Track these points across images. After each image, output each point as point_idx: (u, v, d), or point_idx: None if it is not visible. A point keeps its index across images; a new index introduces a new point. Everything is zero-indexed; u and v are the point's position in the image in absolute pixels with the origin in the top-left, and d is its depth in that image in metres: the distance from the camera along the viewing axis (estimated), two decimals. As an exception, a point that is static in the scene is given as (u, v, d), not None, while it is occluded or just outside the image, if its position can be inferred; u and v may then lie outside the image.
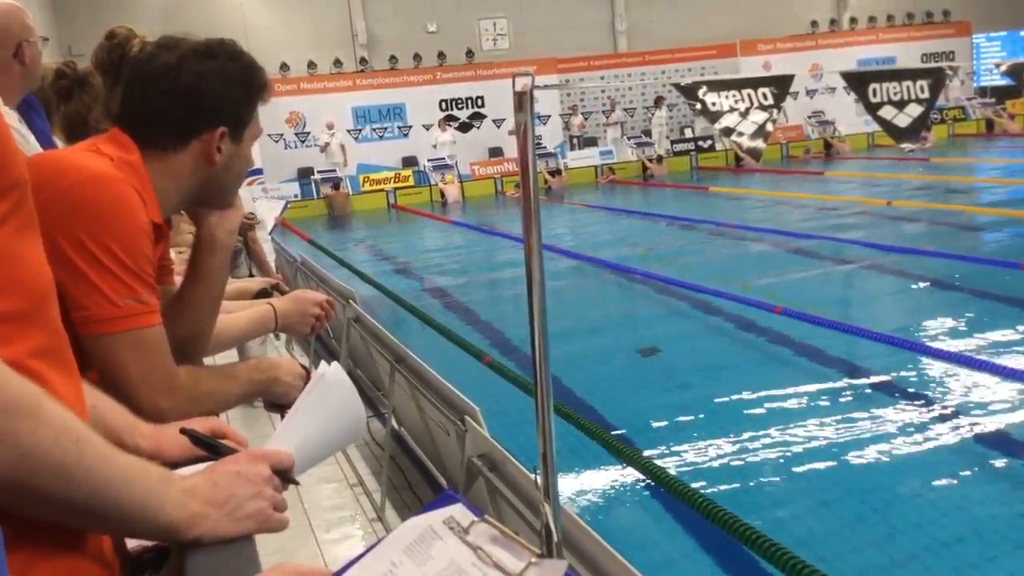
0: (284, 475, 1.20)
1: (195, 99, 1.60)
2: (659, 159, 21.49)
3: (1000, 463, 4.63)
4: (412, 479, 4.73)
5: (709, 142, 22.35)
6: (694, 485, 3.92)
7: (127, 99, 1.64)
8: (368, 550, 0.93)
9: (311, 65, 21.88)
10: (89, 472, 0.92)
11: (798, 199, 15.33)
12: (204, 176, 1.66)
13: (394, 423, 5.06)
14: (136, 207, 1.51)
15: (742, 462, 4.74)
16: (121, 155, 1.56)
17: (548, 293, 1.88)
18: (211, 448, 1.28)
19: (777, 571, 2.81)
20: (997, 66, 17.31)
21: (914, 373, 5.87)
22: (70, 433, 0.91)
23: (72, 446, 0.90)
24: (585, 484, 4.64)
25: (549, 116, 22.24)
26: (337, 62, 22.32)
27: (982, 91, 25.24)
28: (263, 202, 10.31)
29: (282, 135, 21.04)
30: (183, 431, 1.29)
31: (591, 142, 23.10)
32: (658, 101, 23.16)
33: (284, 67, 21.24)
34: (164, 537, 1.09)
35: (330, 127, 20.52)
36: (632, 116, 24.15)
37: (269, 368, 1.78)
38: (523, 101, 1.96)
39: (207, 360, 1.97)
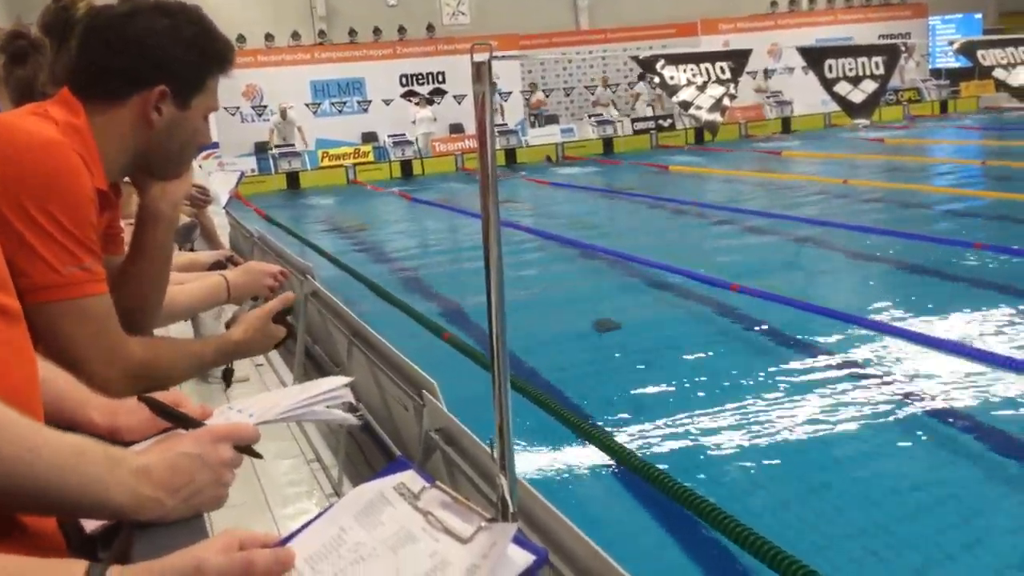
0: (248, 450, 1.16)
1: (137, 51, 1.56)
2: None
3: (955, 439, 4.73)
4: (370, 454, 4.72)
5: (669, 121, 22.42)
6: (652, 459, 3.96)
7: (76, 51, 1.60)
8: (318, 516, 0.92)
9: (268, 37, 21.52)
10: (13, 465, 0.90)
11: (757, 178, 15.48)
12: (145, 138, 1.61)
13: (352, 398, 5.03)
14: (81, 173, 1.47)
15: (698, 436, 4.80)
16: (67, 118, 1.53)
17: (507, 269, 1.87)
18: (176, 419, 1.20)
19: (731, 542, 2.85)
20: (950, 43, 17.48)
21: (868, 350, 5.97)
22: None
23: None
24: (543, 461, 4.66)
25: (510, 93, 22.15)
26: (295, 35, 21.99)
27: (937, 72, 25.62)
28: (217, 175, 10.15)
29: (238, 108, 20.71)
30: (142, 399, 1.24)
31: (552, 120, 23.07)
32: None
33: (241, 39, 20.84)
34: (113, 519, 1.07)
35: (283, 107, 19.96)
36: (593, 93, 24.11)
37: (237, 325, 1.80)
38: (481, 71, 1.93)
39: (158, 332, 1.95)
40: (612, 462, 4.30)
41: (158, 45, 1.57)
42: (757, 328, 6.64)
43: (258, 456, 1.17)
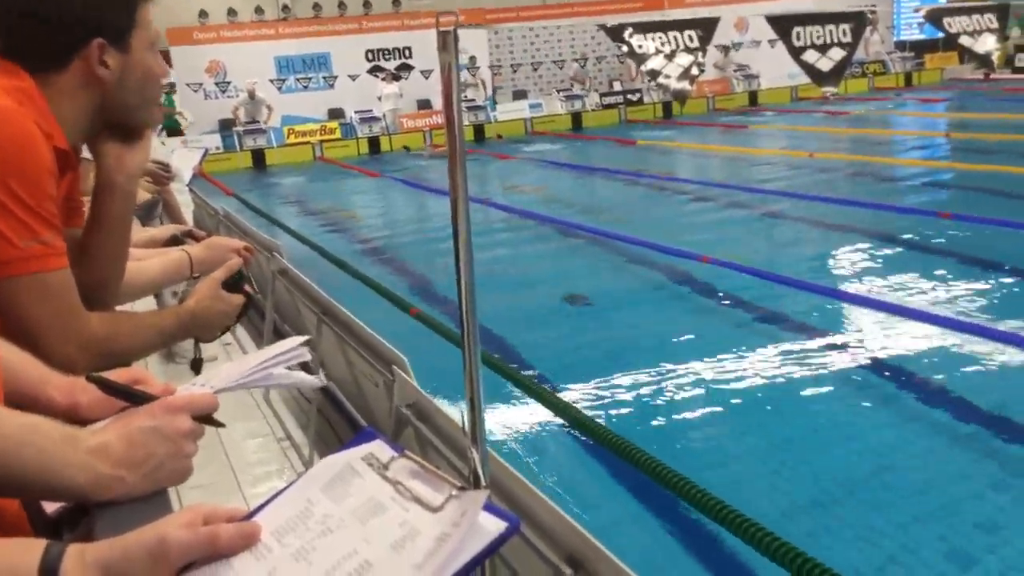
0: (208, 419, 1.14)
1: (56, 16, 1.50)
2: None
3: (916, 404, 4.80)
4: (341, 432, 4.69)
5: (638, 95, 22.40)
6: (623, 431, 3.98)
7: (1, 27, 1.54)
8: (285, 488, 0.90)
9: (231, 12, 21.14)
10: None
11: (724, 152, 15.53)
12: (99, 95, 1.56)
13: (322, 376, 5.00)
14: (39, 144, 1.42)
15: (670, 408, 4.83)
16: (14, 84, 1.47)
17: (477, 246, 1.85)
18: (125, 395, 1.16)
19: (701, 513, 2.87)
20: (916, 11, 17.59)
21: (834, 318, 6.04)
22: None
23: None
24: (513, 433, 4.67)
25: (479, 68, 21.98)
26: (258, 9, 21.62)
27: (901, 45, 25.79)
28: (180, 152, 10.01)
29: (201, 85, 20.36)
30: (89, 378, 1.19)
31: (521, 95, 22.95)
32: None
33: (203, 14, 20.49)
34: (74, 500, 1.04)
35: (250, 88, 19.60)
36: (561, 68, 24.00)
37: (190, 297, 1.77)
38: (447, 41, 1.90)
39: (124, 307, 1.91)
40: (582, 434, 4.31)
41: (71, 3, 1.50)
42: (727, 299, 6.68)
43: (219, 425, 1.15)
